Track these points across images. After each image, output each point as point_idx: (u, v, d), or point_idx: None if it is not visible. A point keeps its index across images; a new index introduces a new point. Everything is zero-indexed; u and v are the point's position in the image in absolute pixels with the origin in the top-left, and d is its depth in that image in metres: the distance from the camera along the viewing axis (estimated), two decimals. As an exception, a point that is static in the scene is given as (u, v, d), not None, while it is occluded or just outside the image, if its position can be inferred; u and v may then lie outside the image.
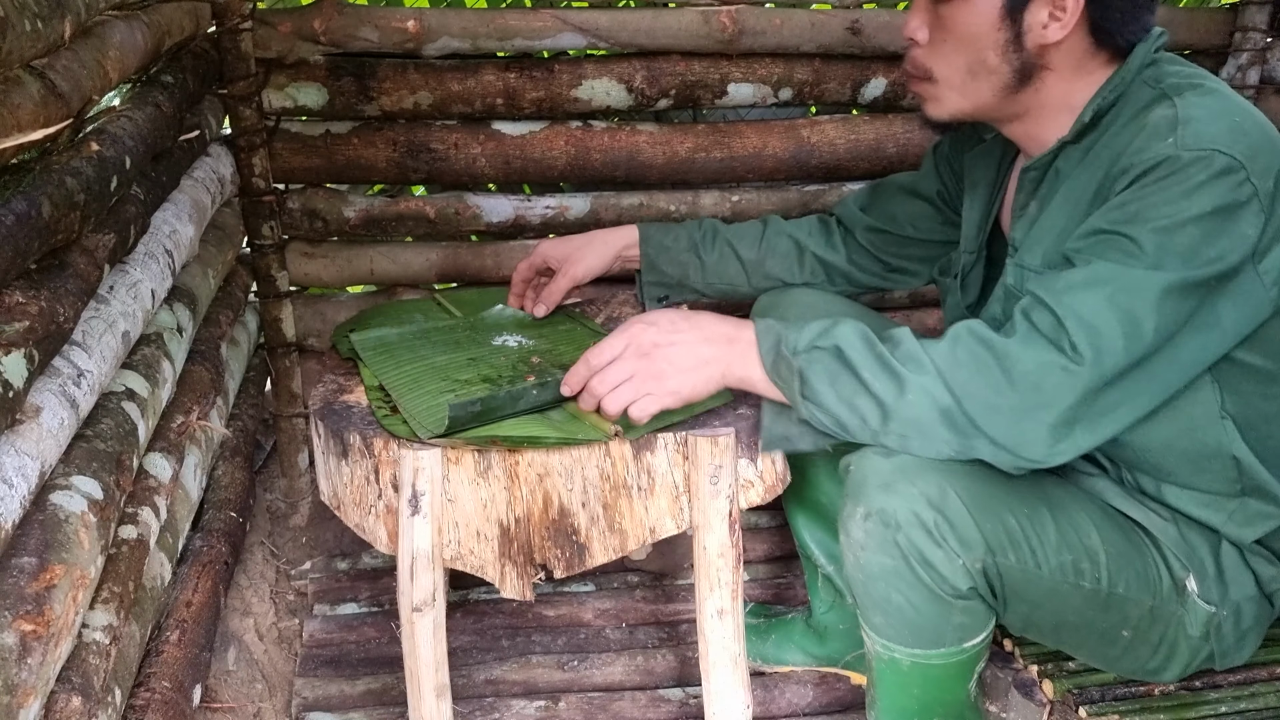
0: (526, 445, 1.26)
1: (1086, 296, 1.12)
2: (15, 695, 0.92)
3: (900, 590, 1.20)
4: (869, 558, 1.19)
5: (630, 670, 1.76)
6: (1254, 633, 1.30)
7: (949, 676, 1.27)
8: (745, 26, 1.98)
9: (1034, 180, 1.29)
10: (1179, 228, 1.10)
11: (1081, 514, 1.24)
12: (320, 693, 1.71)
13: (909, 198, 1.61)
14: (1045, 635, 1.33)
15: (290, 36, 1.90)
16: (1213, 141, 1.11)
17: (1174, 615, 1.26)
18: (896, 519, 1.16)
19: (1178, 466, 1.25)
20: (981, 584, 1.20)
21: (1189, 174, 1.11)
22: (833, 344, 1.18)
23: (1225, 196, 1.10)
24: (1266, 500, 1.25)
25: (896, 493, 1.17)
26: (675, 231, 1.66)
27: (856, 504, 1.20)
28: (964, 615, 1.22)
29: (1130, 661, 1.31)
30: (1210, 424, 1.22)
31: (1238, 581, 1.26)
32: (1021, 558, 1.19)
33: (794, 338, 1.20)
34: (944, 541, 1.16)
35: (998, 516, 1.18)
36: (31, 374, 1.04)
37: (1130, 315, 1.11)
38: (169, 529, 1.47)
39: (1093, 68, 1.24)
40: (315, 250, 2.09)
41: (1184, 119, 1.14)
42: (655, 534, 1.34)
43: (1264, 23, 2.12)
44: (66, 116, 1.13)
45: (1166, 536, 1.25)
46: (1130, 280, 1.12)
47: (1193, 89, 1.18)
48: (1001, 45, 1.22)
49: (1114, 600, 1.24)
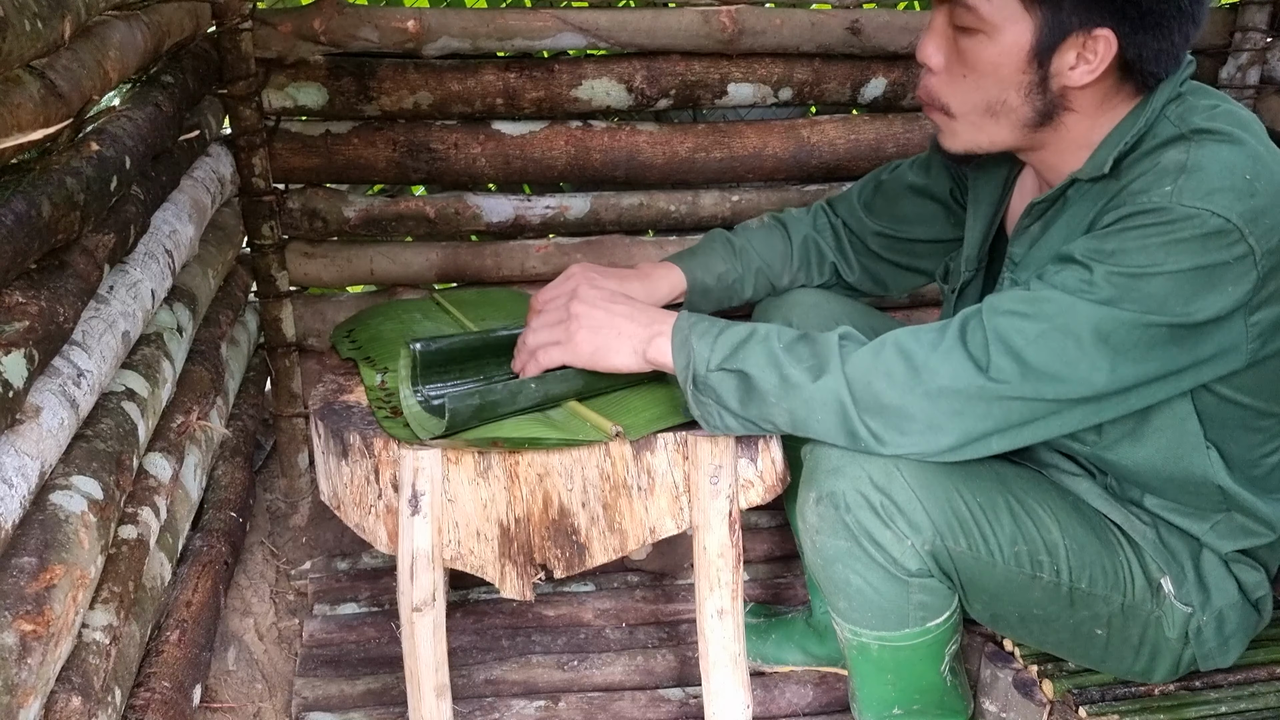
0: (528, 447, 1.26)
1: (1024, 325, 1.11)
2: (15, 695, 0.92)
3: (856, 571, 1.22)
4: (823, 540, 1.22)
5: (630, 670, 1.76)
6: (1238, 638, 1.30)
7: (919, 659, 1.29)
8: (745, 26, 1.97)
9: (1041, 209, 1.27)
10: (1147, 278, 1.08)
11: (1041, 508, 1.24)
12: (320, 693, 1.71)
13: (919, 199, 1.54)
14: (1015, 628, 1.34)
15: (290, 36, 1.90)
16: (1209, 201, 1.07)
17: (1150, 615, 1.26)
18: (845, 500, 1.19)
19: (1164, 486, 1.25)
20: (934, 567, 1.22)
21: (1175, 229, 1.07)
22: (736, 368, 1.19)
23: (1209, 257, 1.07)
24: (1251, 518, 1.25)
25: (844, 475, 1.19)
26: (715, 269, 1.54)
27: (809, 489, 1.23)
28: (923, 593, 1.23)
29: (1116, 662, 1.31)
30: (1194, 453, 1.21)
31: (1220, 588, 1.27)
32: (973, 544, 1.21)
33: (704, 353, 1.21)
34: (891, 522, 1.19)
35: (947, 501, 1.19)
36: (31, 374, 1.04)
37: (1063, 350, 1.10)
38: (169, 529, 1.47)
39: (1116, 103, 1.18)
40: (315, 250, 2.09)
41: (1191, 168, 1.09)
42: (655, 534, 1.34)
43: (1264, 23, 2.12)
44: (66, 116, 1.13)
45: (1145, 540, 1.26)
46: (1076, 314, 1.10)
47: (1212, 135, 1.11)
48: (1025, 87, 1.16)
49: (1078, 596, 1.24)
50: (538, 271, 2.14)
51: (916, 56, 1.22)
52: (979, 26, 1.14)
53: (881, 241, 1.57)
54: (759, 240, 1.57)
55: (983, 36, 1.14)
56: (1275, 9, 2.12)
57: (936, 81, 1.22)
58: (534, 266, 2.13)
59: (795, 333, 1.22)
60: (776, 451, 1.38)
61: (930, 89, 1.23)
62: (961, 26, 1.16)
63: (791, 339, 1.21)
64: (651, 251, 2.14)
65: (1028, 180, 1.36)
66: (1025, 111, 1.18)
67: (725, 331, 1.22)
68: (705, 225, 2.16)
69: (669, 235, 2.20)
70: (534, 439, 1.25)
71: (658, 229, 2.20)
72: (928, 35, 1.20)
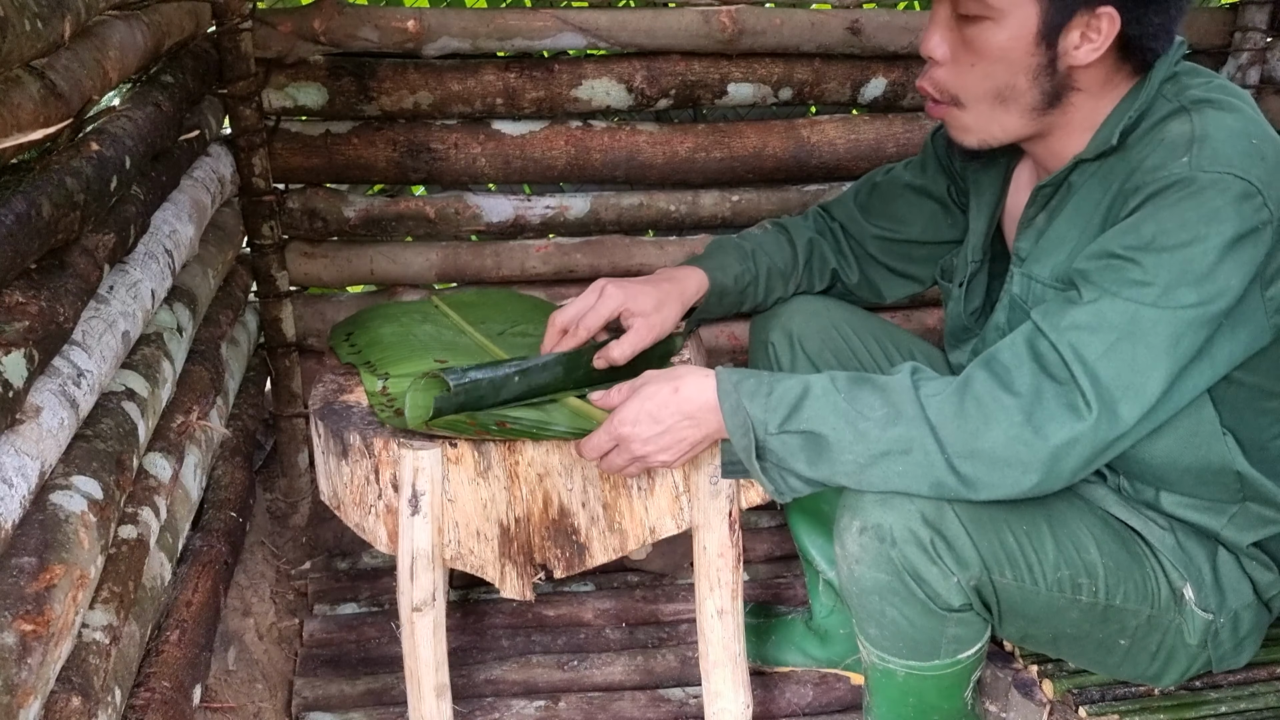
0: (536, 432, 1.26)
1: (1093, 340, 1.09)
2: (15, 695, 0.92)
3: (894, 605, 1.19)
4: (863, 572, 1.18)
5: (630, 670, 1.76)
6: (1251, 639, 1.30)
7: (945, 687, 1.27)
8: (745, 26, 1.97)
9: (1046, 196, 1.26)
10: (1194, 254, 1.07)
11: (1082, 528, 1.22)
12: (320, 693, 1.71)
13: (916, 198, 1.53)
14: (1043, 646, 1.32)
15: (290, 36, 1.90)
16: (1228, 164, 1.07)
17: (1172, 624, 1.25)
18: (892, 535, 1.15)
19: (1180, 479, 1.24)
20: (976, 601, 1.20)
21: (1206, 197, 1.07)
22: (803, 429, 1.14)
23: (1245, 223, 1.07)
24: (1267, 505, 1.25)
25: (893, 508, 1.15)
26: (732, 270, 1.51)
27: (854, 517, 1.18)
28: (959, 628, 1.21)
29: (1129, 668, 1.30)
30: (1213, 440, 1.21)
31: (1235, 590, 1.26)
32: (1019, 575, 1.18)
33: (762, 417, 1.16)
34: (939, 559, 1.15)
35: (996, 534, 1.17)
36: (31, 374, 1.04)
37: (1138, 364, 1.09)
38: (169, 529, 1.47)
39: (1118, 81, 1.20)
40: (315, 250, 2.09)
41: (1200, 136, 1.10)
42: (655, 534, 1.34)
43: (1264, 23, 2.12)
44: (66, 116, 1.13)
45: (1164, 545, 1.25)
46: (1141, 323, 1.08)
47: (1212, 105, 1.13)
48: (1034, 70, 1.16)
49: (1111, 612, 1.23)
50: (538, 271, 2.14)
51: (921, 51, 1.22)
52: (985, 14, 1.15)
53: (880, 245, 1.56)
54: (766, 243, 1.56)
55: (989, 23, 1.15)
56: (1275, 9, 2.12)
57: (944, 73, 1.21)
58: (534, 266, 2.13)
59: (851, 376, 1.17)
60: (776, 451, 1.38)
61: (937, 81, 1.22)
62: (966, 15, 1.17)
63: (849, 384, 1.16)
64: (651, 251, 2.14)
65: (1023, 175, 1.36)
66: (1034, 95, 1.19)
67: (776, 388, 1.17)
68: (705, 225, 2.17)
69: (669, 235, 2.20)
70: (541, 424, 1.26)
71: (658, 229, 2.20)
72: (931, 28, 1.20)
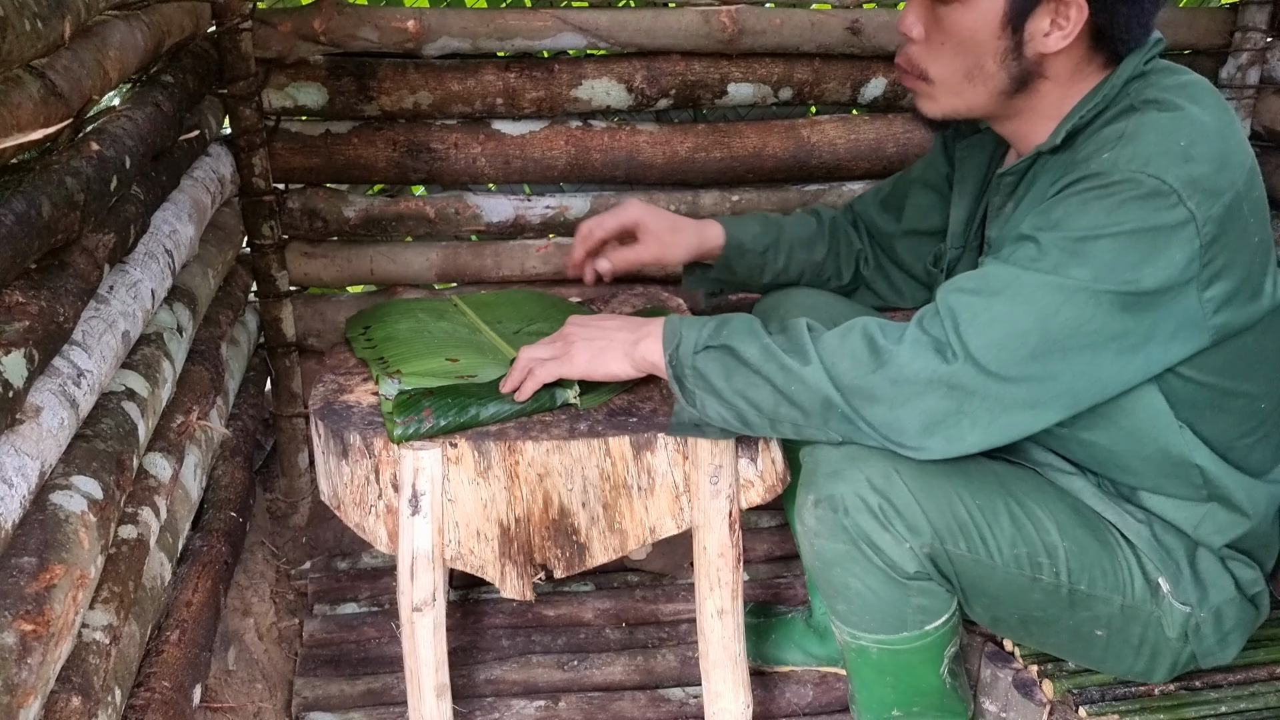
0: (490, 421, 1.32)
1: (973, 301, 1.13)
2: (15, 695, 0.92)
3: (855, 575, 1.23)
4: (823, 544, 1.23)
5: (630, 670, 1.76)
6: (1237, 634, 1.30)
7: (918, 662, 1.30)
8: (745, 26, 1.97)
9: (1010, 185, 1.30)
10: (1092, 240, 1.10)
11: (1040, 509, 1.25)
12: (320, 693, 1.71)
13: (924, 190, 1.59)
14: (1015, 630, 1.34)
15: (290, 36, 1.90)
16: (1145, 165, 1.09)
17: (1150, 615, 1.26)
18: (844, 504, 1.20)
19: (1145, 471, 1.26)
20: (932, 570, 1.22)
21: (1114, 191, 1.10)
22: (723, 342, 1.21)
23: (1149, 220, 1.09)
24: (1231, 510, 1.26)
25: (843, 478, 1.20)
26: (752, 230, 1.63)
27: (808, 492, 1.24)
28: (921, 596, 1.24)
29: (1115, 662, 1.31)
30: (1169, 431, 1.22)
31: (1217, 585, 1.27)
32: (973, 547, 1.21)
33: (691, 336, 1.24)
34: (890, 525, 1.19)
35: (946, 504, 1.20)
36: (31, 374, 1.04)
37: (1012, 323, 1.11)
38: (169, 529, 1.47)
39: (1089, 73, 1.22)
40: (315, 250, 2.09)
41: (1129, 135, 1.13)
42: (655, 534, 1.35)
43: (1264, 23, 2.12)
44: (66, 116, 1.13)
45: (1140, 539, 1.26)
46: (1023, 285, 1.12)
47: (1157, 105, 1.15)
48: (1000, 52, 1.20)
49: (1078, 597, 1.25)
50: (538, 271, 2.13)
51: (898, 27, 1.28)
52: None
53: (907, 242, 1.61)
54: (792, 219, 1.67)
55: (958, 5, 1.20)
56: (1275, 9, 2.12)
57: (917, 50, 1.27)
58: (534, 266, 2.13)
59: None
60: (776, 451, 1.38)
61: (911, 57, 1.28)
62: None
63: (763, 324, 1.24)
64: (651, 251, 2.14)
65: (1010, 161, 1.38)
66: (1001, 77, 1.22)
67: (714, 319, 1.25)
68: (705, 225, 2.17)
69: (669, 235, 2.20)
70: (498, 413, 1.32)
71: (658, 229, 2.20)
72: (908, 8, 1.26)
